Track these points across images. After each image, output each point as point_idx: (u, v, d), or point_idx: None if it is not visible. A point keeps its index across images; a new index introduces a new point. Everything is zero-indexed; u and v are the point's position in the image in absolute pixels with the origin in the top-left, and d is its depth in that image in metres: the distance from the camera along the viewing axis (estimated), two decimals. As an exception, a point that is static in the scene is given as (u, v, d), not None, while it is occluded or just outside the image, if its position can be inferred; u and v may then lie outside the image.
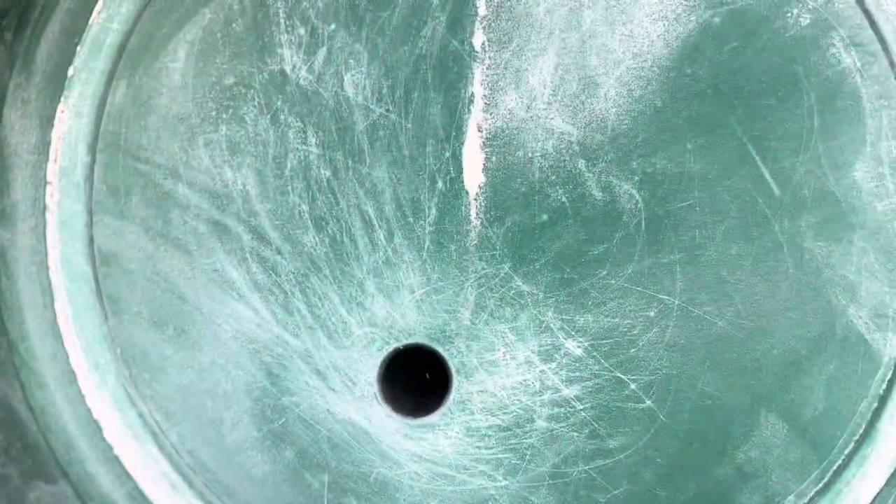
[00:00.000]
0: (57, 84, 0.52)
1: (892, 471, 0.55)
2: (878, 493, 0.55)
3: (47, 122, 0.52)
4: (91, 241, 0.53)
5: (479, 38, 0.54)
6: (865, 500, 0.55)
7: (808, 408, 0.55)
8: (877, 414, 0.55)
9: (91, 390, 0.52)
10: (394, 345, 0.55)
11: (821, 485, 0.55)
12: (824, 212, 0.54)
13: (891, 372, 0.55)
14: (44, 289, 0.52)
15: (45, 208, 0.52)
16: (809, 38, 0.53)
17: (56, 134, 0.52)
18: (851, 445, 0.55)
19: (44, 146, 0.52)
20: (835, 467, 0.55)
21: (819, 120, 0.54)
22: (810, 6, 0.53)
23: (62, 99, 0.53)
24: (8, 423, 0.46)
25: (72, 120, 0.53)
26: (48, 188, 0.53)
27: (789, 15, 0.53)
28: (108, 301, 0.53)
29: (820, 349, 0.55)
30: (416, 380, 0.58)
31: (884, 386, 0.55)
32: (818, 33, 0.54)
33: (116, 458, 0.52)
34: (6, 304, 0.50)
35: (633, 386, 0.54)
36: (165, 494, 0.53)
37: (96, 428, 0.52)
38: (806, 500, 0.55)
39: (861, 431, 0.55)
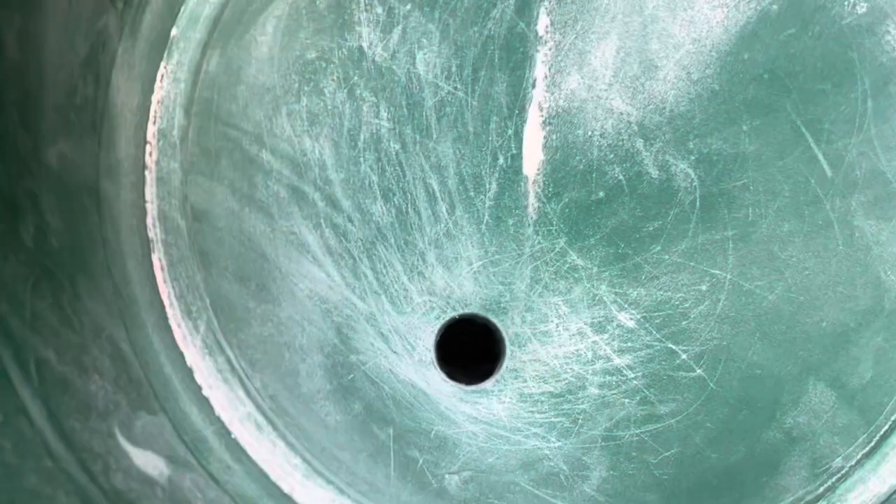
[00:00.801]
0: (158, 51, 0.55)
1: (935, 438, 0.57)
2: (923, 457, 0.57)
3: (149, 86, 0.55)
4: (185, 198, 0.56)
5: (544, 21, 0.56)
6: (911, 463, 0.57)
7: (856, 377, 0.57)
8: (923, 383, 0.57)
9: (184, 336, 0.56)
10: (451, 313, 0.57)
11: (868, 448, 0.57)
12: (875, 191, 0.56)
13: (936, 346, 0.57)
14: (142, 240, 0.55)
15: (144, 166, 0.55)
16: (865, 26, 0.55)
17: (156, 98, 0.55)
18: (898, 412, 0.57)
19: (145, 108, 0.55)
20: (882, 432, 0.57)
21: (872, 104, 0.55)
22: (867, -5, 0.55)
23: (162, 65, 0.56)
24: (116, 359, 0.49)
25: (170, 85, 0.56)
26: (147, 147, 0.56)
27: (846, 3, 0.55)
28: (199, 255, 0.56)
29: (868, 322, 0.56)
30: (466, 349, 0.60)
31: (930, 358, 0.57)
32: (873, 21, 0.55)
33: (206, 399, 0.55)
34: (111, 252, 0.53)
35: (683, 356, 0.56)
36: (250, 434, 0.56)
37: (188, 370, 0.56)
38: (853, 462, 0.57)
39: (908, 399, 0.57)
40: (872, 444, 0.56)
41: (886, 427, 0.56)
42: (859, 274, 0.56)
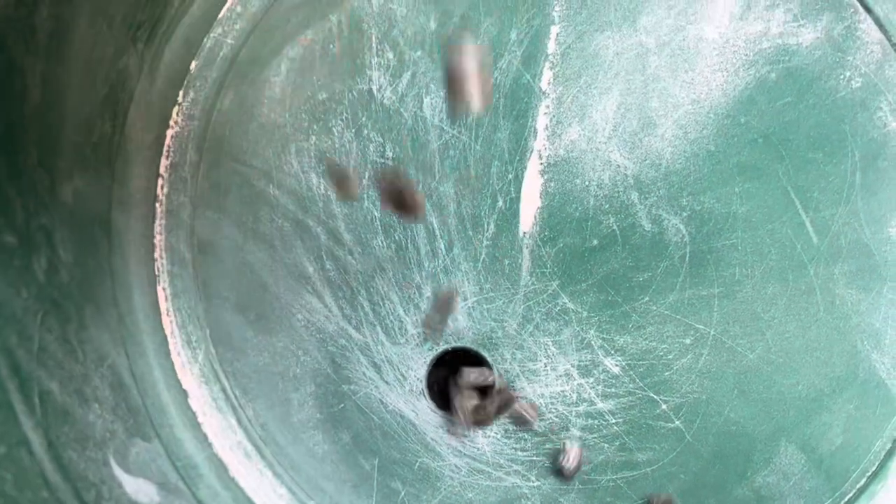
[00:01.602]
0: (175, 89, 0.57)
1: (900, 508, 0.59)
2: (885, 527, 0.58)
3: (164, 122, 0.57)
4: (193, 230, 0.58)
5: (549, 74, 0.57)
6: (871, 532, 0.58)
7: (826, 442, 0.58)
8: (890, 454, 0.58)
9: (182, 364, 0.58)
10: (444, 346, 0.58)
11: (831, 514, 0.59)
12: (858, 262, 0.57)
13: (907, 416, 0.58)
14: (149, 271, 0.57)
15: (155, 199, 0.57)
16: (858, 100, 0.56)
17: (170, 133, 0.57)
18: (863, 480, 0.58)
19: (159, 144, 0.57)
20: (846, 499, 0.58)
21: (861, 176, 0.57)
22: (862, 70, 0.56)
23: (178, 103, 0.57)
24: (116, 387, 0.51)
25: (185, 122, 0.58)
26: (159, 181, 0.57)
27: (842, 77, 0.57)
28: (203, 285, 0.58)
29: (842, 389, 0.58)
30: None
31: (899, 429, 0.58)
32: (867, 96, 0.56)
33: (199, 426, 0.57)
34: (118, 281, 0.55)
35: (664, 406, 0.58)
36: (239, 462, 0.58)
37: (184, 397, 0.57)
38: (816, 526, 0.58)
39: (874, 469, 0.58)
40: (836, 509, 0.58)
41: (851, 494, 0.58)
42: (837, 341, 0.57)
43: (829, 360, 0.57)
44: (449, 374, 0.60)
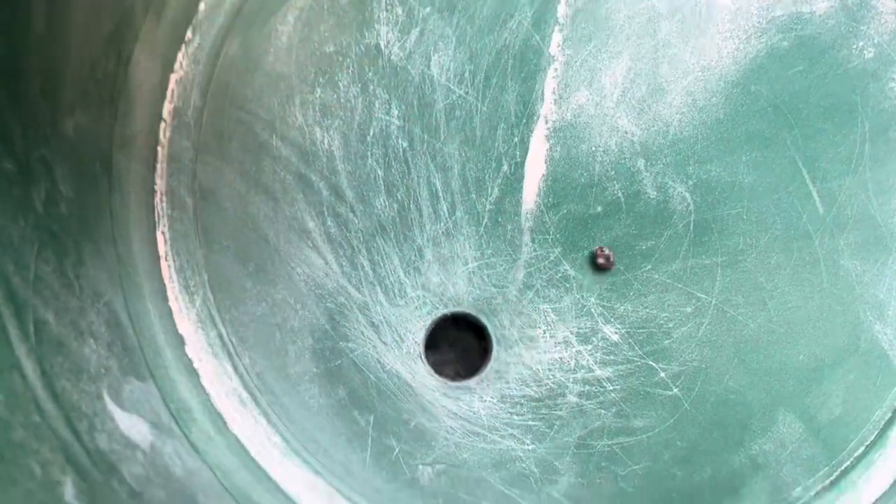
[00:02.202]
0: (181, 33, 0.57)
1: (897, 478, 0.59)
2: (882, 496, 0.58)
3: (168, 65, 0.56)
4: (194, 176, 0.57)
5: (559, 36, 0.57)
6: (868, 500, 0.58)
7: (825, 411, 0.58)
8: (889, 423, 0.58)
9: (179, 309, 0.57)
10: (442, 310, 0.58)
11: (827, 482, 0.58)
12: (863, 233, 0.57)
13: (907, 388, 0.58)
14: (149, 213, 0.57)
15: (157, 142, 0.57)
16: (871, 71, 0.56)
17: (175, 77, 0.57)
18: (861, 449, 0.58)
19: (163, 87, 0.57)
20: (843, 467, 0.58)
21: (870, 147, 0.56)
22: (875, 41, 0.56)
23: (183, 46, 0.57)
24: (112, 325, 0.51)
25: (190, 66, 0.57)
26: (162, 125, 0.57)
27: (854, 46, 0.56)
28: (203, 232, 0.58)
29: (843, 359, 0.57)
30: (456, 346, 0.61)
31: (899, 399, 0.58)
32: (879, 67, 0.56)
33: (195, 371, 0.57)
34: (118, 222, 0.55)
35: (662, 374, 0.58)
36: (234, 409, 0.57)
37: (180, 342, 0.57)
38: (812, 493, 0.58)
39: (872, 438, 0.58)
40: (833, 477, 0.57)
41: (848, 462, 0.57)
42: (840, 312, 0.57)
43: (830, 331, 0.57)
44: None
